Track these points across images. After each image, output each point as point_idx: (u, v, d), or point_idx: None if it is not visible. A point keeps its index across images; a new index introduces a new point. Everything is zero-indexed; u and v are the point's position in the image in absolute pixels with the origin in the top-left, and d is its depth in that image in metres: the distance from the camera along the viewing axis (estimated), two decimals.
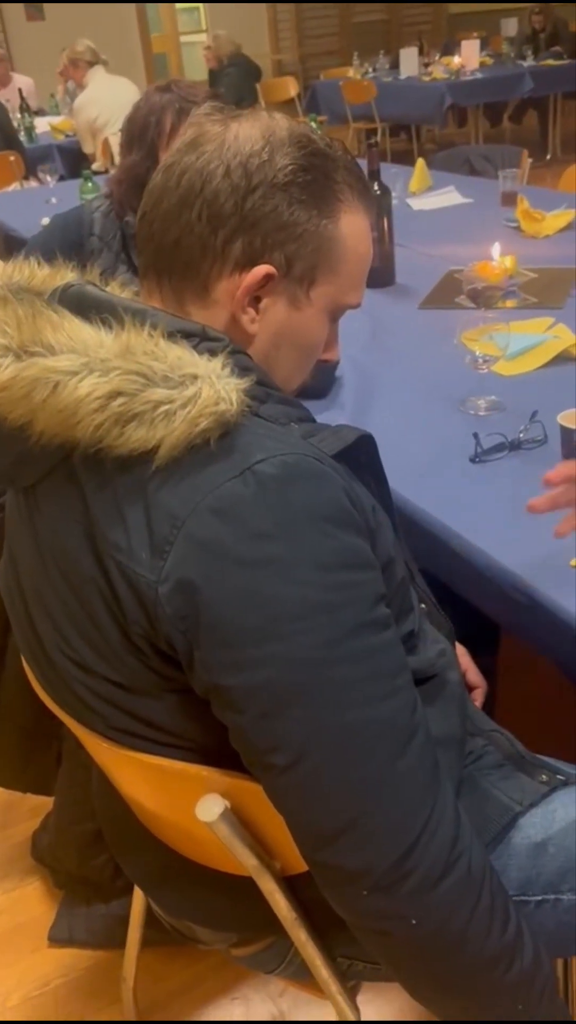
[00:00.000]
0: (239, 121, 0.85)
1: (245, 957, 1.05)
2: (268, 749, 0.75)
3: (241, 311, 0.84)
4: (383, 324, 2.03)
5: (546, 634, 1.12)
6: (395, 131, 8.48)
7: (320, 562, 0.74)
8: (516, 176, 2.99)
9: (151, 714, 0.83)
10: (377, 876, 0.76)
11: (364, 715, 0.76)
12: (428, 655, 0.96)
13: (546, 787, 1.01)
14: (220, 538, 0.72)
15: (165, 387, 0.75)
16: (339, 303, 0.90)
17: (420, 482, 1.36)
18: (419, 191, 3.24)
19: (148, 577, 0.74)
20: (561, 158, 7.45)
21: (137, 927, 1.43)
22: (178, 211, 0.83)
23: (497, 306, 2.00)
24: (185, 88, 1.72)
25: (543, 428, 1.42)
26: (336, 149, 0.87)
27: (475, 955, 0.81)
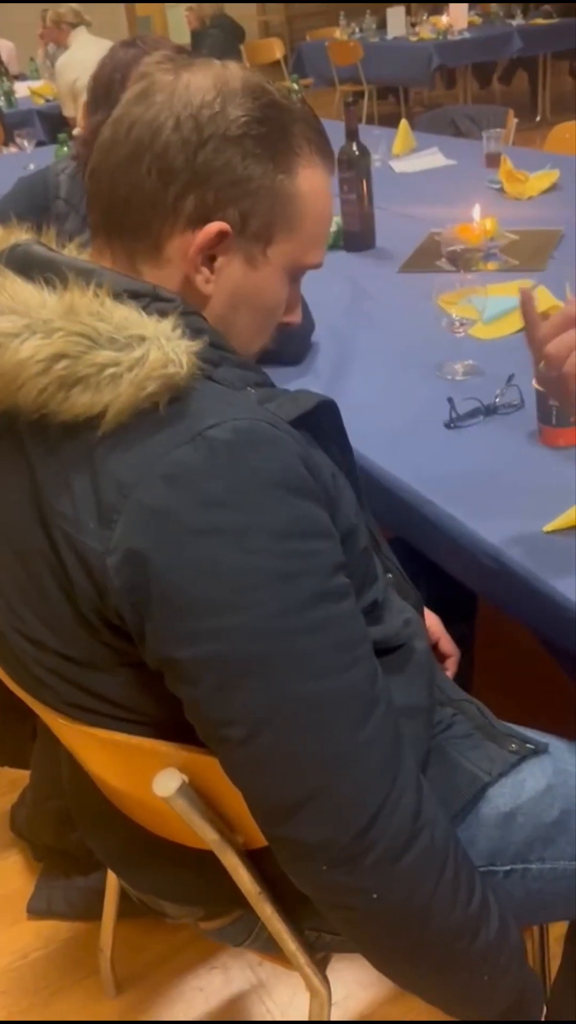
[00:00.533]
0: (191, 71, 0.81)
1: (213, 931, 1.04)
2: (223, 722, 0.73)
3: (195, 270, 0.81)
4: (361, 288, 1.99)
5: (520, 601, 1.10)
6: (383, 94, 8.35)
7: (275, 530, 0.72)
8: (500, 137, 2.93)
9: (104, 689, 0.81)
10: (337, 851, 0.75)
11: (322, 687, 0.73)
12: (394, 625, 0.94)
13: (515, 756, 1.00)
14: (170, 506, 0.70)
15: (111, 349, 0.72)
16: (298, 262, 0.87)
17: (394, 449, 1.33)
18: (402, 153, 3.18)
19: (96, 548, 0.72)
20: (551, 119, 7.33)
21: (112, 898, 1.42)
22: (127, 166, 0.79)
23: (477, 268, 1.96)
24: (151, 43, 1.66)
25: (519, 392, 1.39)
26: (293, 101, 0.83)
27: (439, 928, 0.80)
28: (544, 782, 0.98)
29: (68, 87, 5.10)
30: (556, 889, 0.97)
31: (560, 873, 0.97)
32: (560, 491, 1.17)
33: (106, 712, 0.82)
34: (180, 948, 1.58)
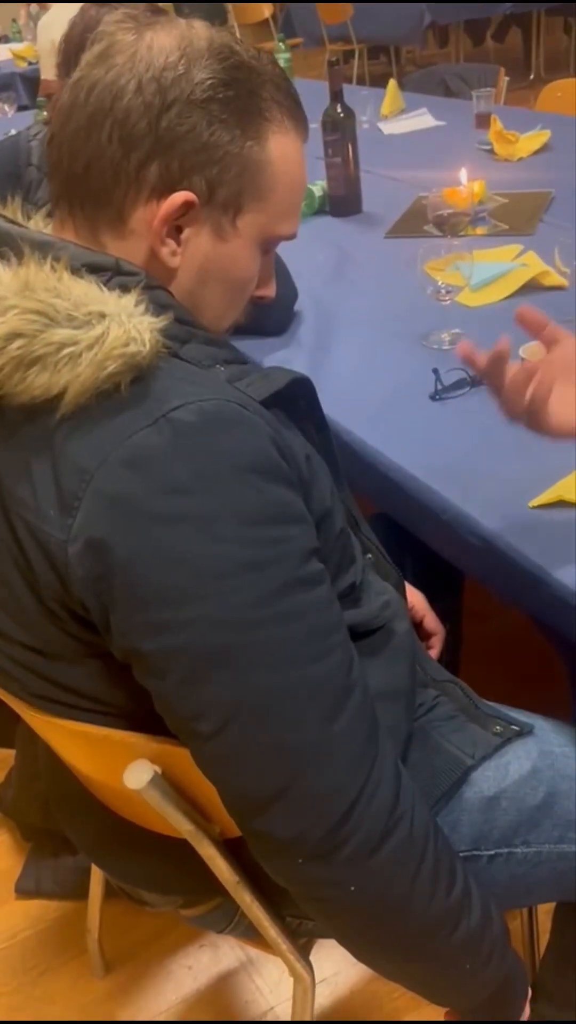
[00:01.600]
0: (154, 30, 0.76)
1: (194, 918, 1.03)
2: (192, 716, 0.71)
3: (160, 243, 0.77)
4: (347, 254, 1.94)
5: (505, 577, 1.08)
6: (374, 53, 8.18)
7: (243, 517, 0.69)
8: (491, 96, 2.86)
9: (71, 680, 0.78)
10: (312, 845, 0.73)
11: (294, 677, 0.71)
12: (372, 607, 0.91)
13: (499, 739, 0.98)
14: (132, 493, 0.67)
15: (69, 327, 0.68)
16: (270, 233, 0.83)
17: (377, 422, 1.30)
18: (391, 114, 3.11)
19: (57, 536, 0.69)
20: (545, 78, 7.19)
21: (99, 879, 1.41)
22: (87, 132, 0.75)
23: (465, 233, 1.91)
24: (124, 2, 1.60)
25: None
26: (263, 62, 0.79)
27: (418, 919, 0.79)
28: (529, 765, 0.96)
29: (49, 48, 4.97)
30: (541, 873, 0.95)
31: (545, 857, 0.95)
32: (546, 465, 1.14)
33: (75, 704, 0.80)
34: (169, 927, 1.57)
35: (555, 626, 1.03)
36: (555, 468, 1.13)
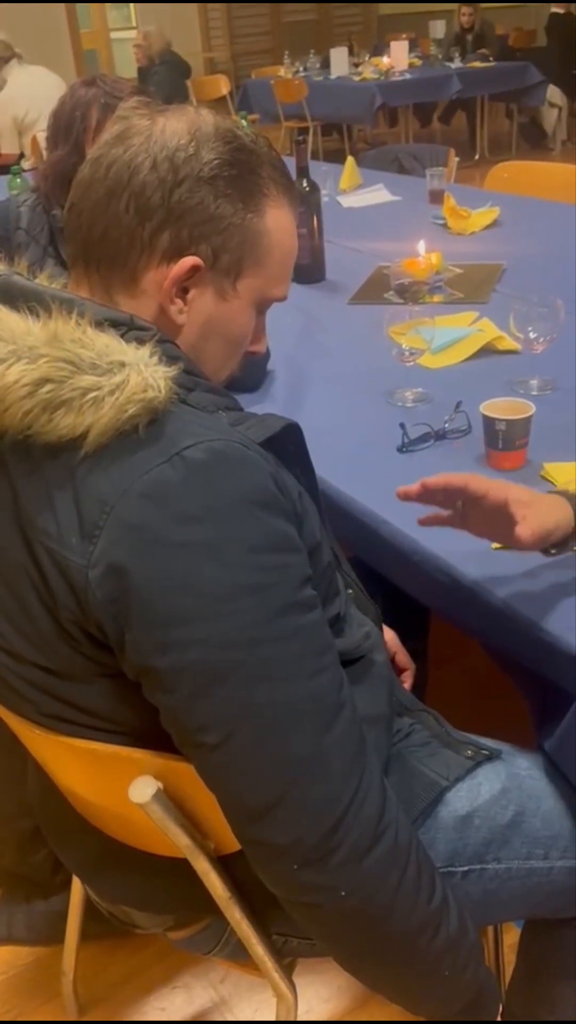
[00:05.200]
0: (166, 116, 0.86)
1: (182, 940, 1.06)
2: (198, 728, 0.77)
3: (169, 301, 0.86)
4: (314, 319, 2.06)
5: (471, 615, 1.16)
6: (327, 130, 8.54)
7: (249, 544, 0.76)
8: (443, 174, 3.05)
9: (82, 699, 0.84)
10: (306, 850, 0.79)
11: (292, 693, 0.78)
12: (354, 637, 0.98)
13: (471, 762, 1.05)
14: (149, 521, 0.74)
15: (93, 374, 0.76)
16: (266, 296, 0.92)
17: (350, 471, 1.39)
18: (349, 189, 3.28)
19: (78, 562, 0.75)
20: (489, 158, 7.59)
21: (76, 920, 1.43)
22: (106, 202, 0.84)
23: (424, 301, 2.04)
24: (110, 83, 1.72)
25: (467, 418, 1.46)
26: (261, 145, 0.89)
27: (402, 923, 0.84)
28: (499, 785, 1.03)
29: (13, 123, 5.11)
30: (511, 888, 1.02)
31: (515, 873, 1.01)
32: None
33: (83, 722, 0.86)
34: (142, 969, 1.59)
35: (516, 656, 1.11)
36: None
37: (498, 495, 1.00)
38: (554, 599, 1.07)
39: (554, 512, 1.01)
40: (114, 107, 1.65)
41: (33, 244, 1.82)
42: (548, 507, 1.01)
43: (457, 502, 1.06)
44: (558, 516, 1.01)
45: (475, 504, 1.02)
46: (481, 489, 1.01)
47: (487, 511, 1.01)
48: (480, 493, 1.01)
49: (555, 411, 1.48)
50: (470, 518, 1.06)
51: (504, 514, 0.99)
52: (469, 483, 1.01)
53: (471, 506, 1.04)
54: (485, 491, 1.00)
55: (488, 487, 1.01)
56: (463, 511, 1.06)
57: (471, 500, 1.03)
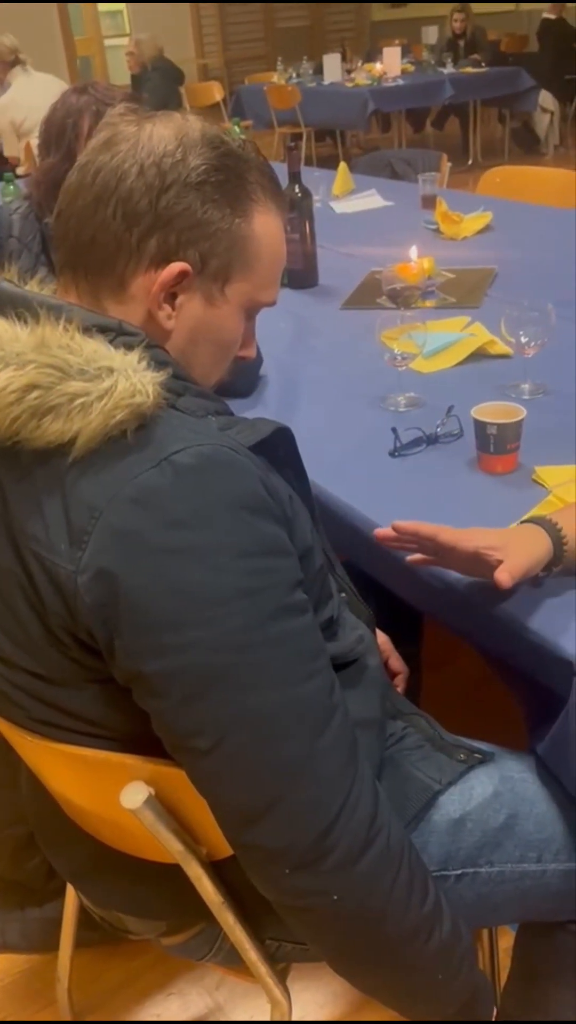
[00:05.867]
0: (153, 122, 0.86)
1: (175, 946, 1.06)
2: (190, 733, 0.77)
3: (157, 307, 0.86)
4: (306, 324, 2.06)
5: (464, 619, 1.16)
6: (320, 136, 8.55)
7: (239, 549, 0.76)
8: (436, 180, 3.06)
9: (73, 704, 0.84)
10: (299, 854, 0.79)
11: (284, 697, 0.78)
12: (347, 641, 0.98)
13: (464, 765, 1.05)
14: (138, 527, 0.74)
15: (81, 380, 0.76)
16: (254, 300, 0.92)
17: (342, 476, 1.39)
18: (342, 194, 3.29)
19: (67, 568, 0.75)
20: (482, 163, 7.61)
21: (70, 927, 1.42)
22: (93, 209, 0.84)
23: (416, 306, 2.04)
24: (102, 90, 1.73)
25: (459, 422, 1.47)
26: (248, 151, 0.89)
27: (395, 927, 0.84)
28: (491, 789, 1.03)
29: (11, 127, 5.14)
30: (504, 891, 1.02)
31: (508, 876, 1.02)
32: (498, 514, 1.23)
33: (74, 728, 0.85)
34: (137, 976, 1.58)
35: (508, 660, 1.11)
36: (506, 516, 1.22)
37: (466, 546, 1.01)
38: (544, 602, 1.07)
39: (529, 548, 1.02)
40: (105, 114, 1.66)
41: (25, 252, 1.82)
42: (522, 545, 1.03)
43: None
44: (534, 551, 1.02)
45: (449, 552, 1.04)
46: (450, 541, 1.02)
47: (462, 556, 1.03)
48: (449, 545, 1.03)
49: (546, 415, 1.49)
50: (448, 562, 1.08)
51: (480, 559, 1.01)
52: (438, 535, 1.03)
53: (446, 553, 1.05)
54: (454, 543, 1.02)
55: (456, 538, 1.02)
56: (441, 555, 1.07)
57: (443, 549, 1.04)
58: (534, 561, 1.02)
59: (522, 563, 1.00)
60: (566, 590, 1.08)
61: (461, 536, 1.03)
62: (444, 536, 1.03)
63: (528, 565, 1.01)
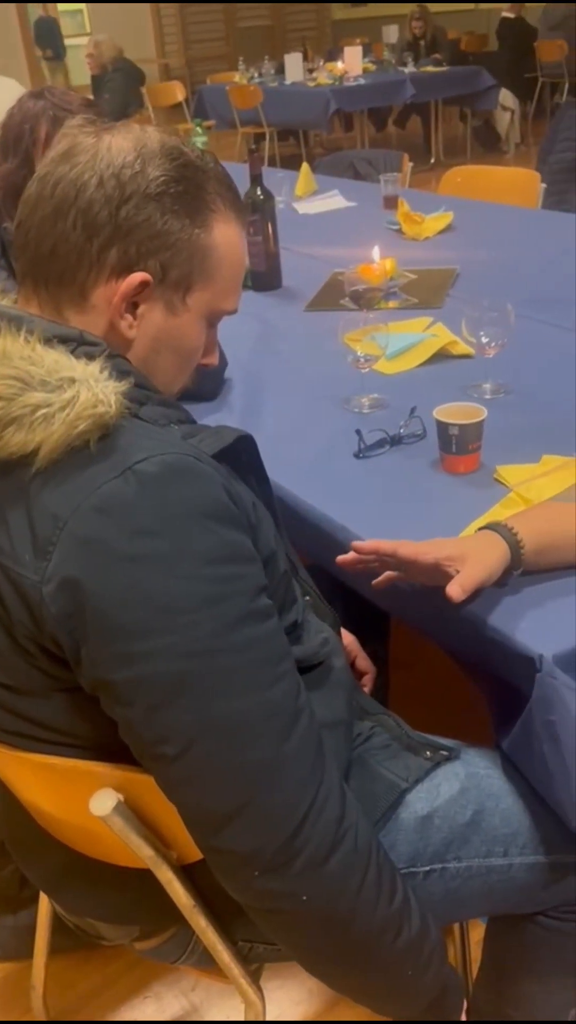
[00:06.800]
0: (111, 133, 0.87)
1: (149, 950, 1.07)
2: (157, 740, 0.78)
3: (119, 317, 0.86)
4: (270, 327, 2.07)
5: (428, 618, 1.18)
6: (283, 136, 8.57)
7: (204, 556, 0.77)
8: (397, 180, 3.08)
9: (40, 714, 0.84)
10: (267, 857, 0.80)
11: (250, 701, 0.79)
12: (312, 644, 1.00)
13: (431, 763, 1.07)
14: (102, 536, 0.75)
15: (43, 391, 0.76)
16: (215, 309, 0.93)
17: (307, 478, 1.40)
18: (304, 195, 3.30)
19: (31, 578, 0.76)
20: (444, 161, 7.66)
21: (44, 934, 1.42)
22: (53, 220, 0.85)
23: (379, 307, 2.06)
24: (59, 95, 1.73)
25: (422, 423, 1.48)
26: (207, 161, 0.90)
27: (365, 925, 0.86)
28: (458, 785, 1.05)
29: None
30: (472, 886, 1.03)
31: (475, 871, 1.03)
32: (459, 513, 1.25)
33: (42, 737, 0.86)
34: (113, 981, 1.59)
35: (473, 657, 1.13)
36: (467, 514, 1.24)
37: (427, 558, 1.03)
38: (507, 601, 1.08)
39: (485, 558, 1.04)
40: (63, 120, 1.66)
41: None
42: (481, 554, 1.04)
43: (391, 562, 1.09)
44: (490, 560, 1.04)
45: (410, 566, 1.05)
46: (411, 554, 1.04)
47: (424, 569, 1.04)
48: (409, 558, 1.04)
49: (507, 414, 1.51)
50: (413, 575, 1.09)
51: (440, 571, 1.02)
52: (398, 549, 1.05)
53: (407, 567, 1.07)
54: (414, 555, 1.04)
55: (416, 552, 1.04)
56: (404, 570, 1.09)
57: (404, 563, 1.06)
58: (490, 571, 1.04)
59: (477, 574, 1.02)
60: (528, 589, 1.10)
61: (420, 549, 1.04)
62: (404, 551, 1.04)
63: (483, 576, 1.02)
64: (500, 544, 1.06)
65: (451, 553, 1.03)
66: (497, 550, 1.05)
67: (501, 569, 1.05)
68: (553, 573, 1.11)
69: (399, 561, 1.06)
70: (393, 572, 1.12)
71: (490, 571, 1.03)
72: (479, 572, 1.02)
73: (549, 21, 8.28)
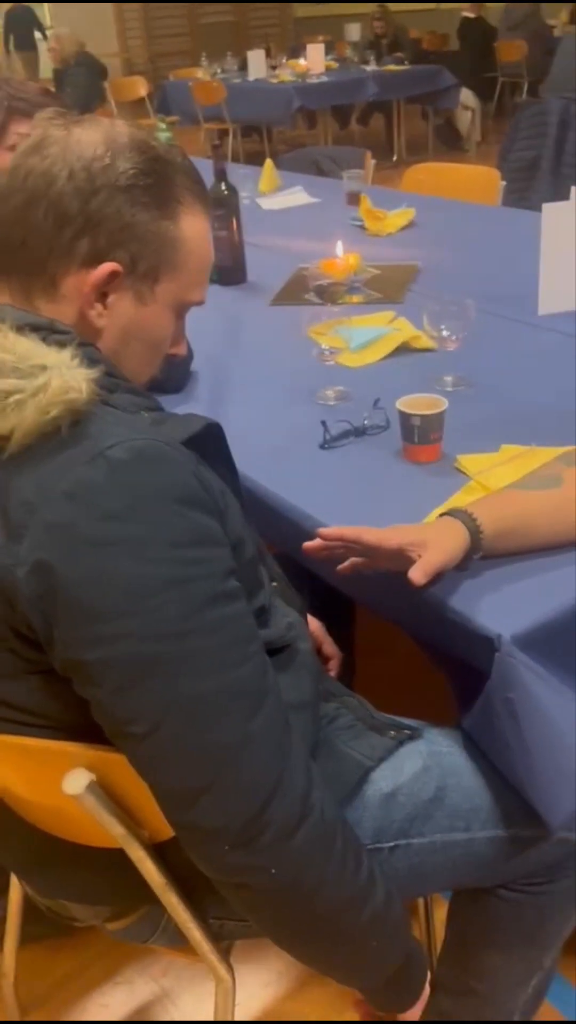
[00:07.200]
0: (82, 126, 0.89)
1: (120, 930, 1.09)
2: (127, 719, 0.80)
3: (89, 306, 0.88)
4: (236, 320, 2.09)
5: (392, 602, 1.21)
6: (247, 132, 8.58)
7: (172, 540, 0.79)
8: (360, 176, 3.11)
9: (13, 696, 0.86)
10: (236, 831, 0.82)
11: (218, 681, 0.81)
12: (278, 627, 1.02)
13: (394, 742, 1.10)
14: (73, 521, 0.77)
15: (15, 377, 0.78)
16: (183, 300, 0.95)
17: (274, 468, 1.43)
18: (268, 191, 3.32)
19: (4, 561, 0.77)
20: (407, 159, 7.71)
21: (15, 923, 1.44)
22: (23, 211, 0.86)
23: (342, 301, 2.09)
24: (15, 85, 1.73)
25: (385, 415, 1.51)
26: (175, 155, 0.92)
27: (332, 898, 0.88)
28: (420, 763, 1.08)
29: None
30: (435, 861, 1.07)
31: (439, 846, 1.06)
32: (422, 501, 1.28)
33: (15, 719, 0.87)
34: (84, 967, 1.60)
35: (435, 639, 1.16)
36: (428, 502, 1.27)
37: (390, 544, 1.06)
38: (467, 584, 1.11)
39: (446, 543, 1.07)
40: (19, 109, 1.66)
41: None
42: (442, 539, 1.07)
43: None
44: (450, 545, 1.07)
45: (374, 551, 1.08)
46: (373, 539, 1.07)
47: (387, 554, 1.07)
48: (373, 543, 1.07)
49: (469, 406, 1.54)
50: (377, 560, 1.11)
51: (403, 556, 1.05)
52: (362, 535, 1.07)
53: (372, 552, 1.09)
54: (378, 541, 1.06)
55: (380, 538, 1.07)
56: (368, 555, 1.11)
57: (368, 549, 1.08)
58: (450, 556, 1.06)
59: (438, 559, 1.04)
60: (487, 572, 1.13)
61: (383, 535, 1.07)
62: (367, 536, 1.07)
63: (444, 560, 1.05)
64: (460, 530, 1.09)
65: (413, 539, 1.06)
66: (457, 535, 1.08)
67: (461, 554, 1.08)
68: (511, 557, 1.14)
69: (363, 547, 1.09)
70: (357, 558, 1.15)
71: (450, 555, 1.06)
72: (440, 557, 1.05)
73: (509, 21, 8.37)
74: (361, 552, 1.12)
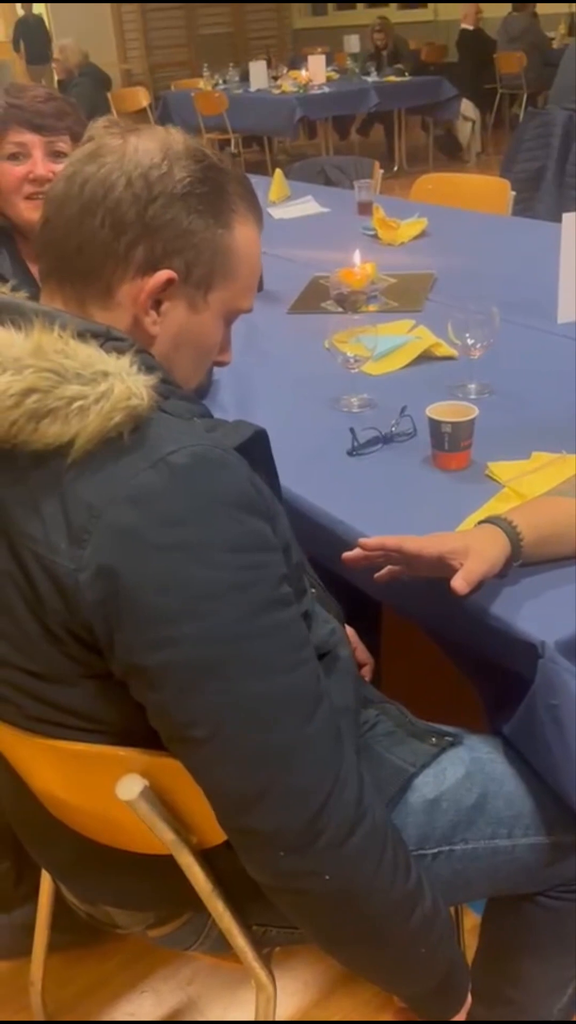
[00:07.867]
0: (137, 135, 0.89)
1: (162, 937, 1.09)
2: (187, 723, 0.80)
3: (144, 313, 0.89)
4: (256, 328, 2.10)
5: (428, 610, 1.21)
6: (247, 142, 8.62)
7: (231, 545, 0.80)
8: (371, 186, 3.13)
9: (68, 701, 0.86)
10: (291, 837, 0.82)
11: (274, 685, 0.81)
12: (321, 634, 1.03)
13: (436, 749, 1.10)
14: (137, 525, 0.77)
15: (78, 383, 0.79)
16: (233, 307, 0.96)
17: (303, 475, 1.43)
18: (278, 200, 3.34)
19: (67, 566, 0.78)
20: (407, 169, 7.77)
21: (44, 929, 1.43)
22: (80, 218, 0.87)
23: (362, 310, 2.10)
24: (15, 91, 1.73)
25: (412, 422, 1.52)
26: (227, 163, 0.93)
27: (382, 903, 0.88)
28: (463, 770, 1.09)
29: None
30: (478, 867, 1.07)
31: (480, 852, 1.07)
32: (453, 509, 1.29)
33: (69, 724, 0.87)
34: (109, 977, 1.60)
35: (471, 646, 1.16)
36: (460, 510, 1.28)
37: (431, 552, 1.06)
38: (508, 590, 1.12)
39: (487, 550, 1.07)
40: (16, 118, 1.66)
41: None
42: (483, 547, 1.07)
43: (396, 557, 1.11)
44: (492, 553, 1.07)
45: (415, 560, 1.08)
46: (415, 548, 1.07)
47: (428, 562, 1.07)
48: (414, 552, 1.07)
49: (493, 413, 1.55)
50: (417, 569, 1.11)
51: (444, 564, 1.05)
52: (403, 544, 1.08)
53: (413, 561, 1.09)
54: (419, 549, 1.07)
55: (421, 545, 1.07)
56: (409, 564, 1.11)
57: (409, 558, 1.08)
58: (492, 563, 1.06)
59: (480, 568, 1.04)
60: (527, 579, 1.14)
61: (425, 543, 1.07)
62: (409, 545, 1.07)
63: (485, 569, 1.05)
64: (500, 537, 1.09)
65: (454, 547, 1.06)
66: (498, 543, 1.09)
67: (503, 561, 1.08)
68: (551, 564, 1.15)
69: (403, 556, 1.09)
70: (395, 567, 1.15)
71: (492, 564, 1.07)
72: (482, 565, 1.05)
73: (508, 33, 8.43)
74: (401, 561, 1.12)
